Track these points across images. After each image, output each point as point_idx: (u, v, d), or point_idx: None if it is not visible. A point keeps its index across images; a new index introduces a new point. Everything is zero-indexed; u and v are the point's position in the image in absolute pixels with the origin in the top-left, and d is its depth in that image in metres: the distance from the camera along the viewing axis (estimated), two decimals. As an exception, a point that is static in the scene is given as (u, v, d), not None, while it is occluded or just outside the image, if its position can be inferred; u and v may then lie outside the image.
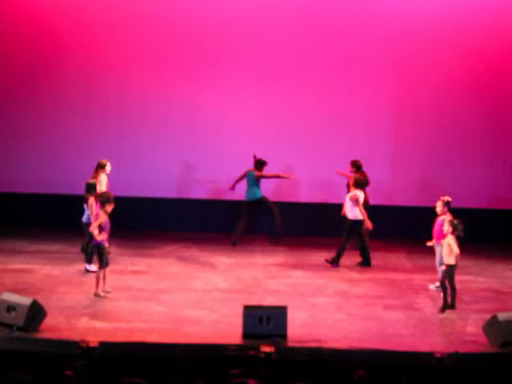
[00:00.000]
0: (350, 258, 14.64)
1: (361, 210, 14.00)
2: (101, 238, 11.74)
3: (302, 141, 16.75)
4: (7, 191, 16.81)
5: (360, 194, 14.09)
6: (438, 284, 12.33)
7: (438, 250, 12.33)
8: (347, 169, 14.88)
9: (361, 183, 14.24)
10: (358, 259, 14.48)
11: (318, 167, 16.69)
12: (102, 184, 13.53)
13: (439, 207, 12.47)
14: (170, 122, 16.82)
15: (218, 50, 16.70)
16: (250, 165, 15.55)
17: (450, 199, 12.49)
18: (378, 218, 14.53)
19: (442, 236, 11.84)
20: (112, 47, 16.74)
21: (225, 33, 16.67)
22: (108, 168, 13.77)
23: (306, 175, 16.67)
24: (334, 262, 14.16)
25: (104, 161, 13.77)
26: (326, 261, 14.22)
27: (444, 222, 11.91)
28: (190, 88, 16.66)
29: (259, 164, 15.44)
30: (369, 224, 14.03)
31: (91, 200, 12.80)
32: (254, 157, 15.46)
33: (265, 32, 16.68)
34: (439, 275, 12.22)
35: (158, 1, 16.76)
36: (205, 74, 16.71)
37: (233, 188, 15.62)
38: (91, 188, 13.05)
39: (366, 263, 14.33)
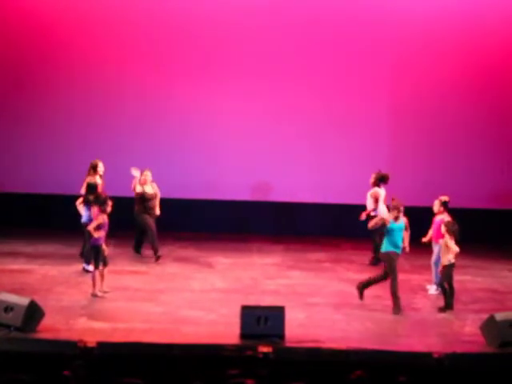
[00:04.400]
0: (347, 258, 14.64)
1: (380, 208, 13.96)
2: (97, 234, 11.75)
3: (300, 141, 16.74)
4: (4, 191, 16.79)
5: (381, 192, 14.10)
6: (435, 287, 12.32)
7: (435, 249, 12.33)
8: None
9: (384, 179, 14.21)
10: (355, 259, 14.48)
11: (317, 167, 16.69)
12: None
13: (436, 206, 12.48)
14: (165, 121, 16.81)
15: (217, 49, 16.71)
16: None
17: (447, 199, 12.47)
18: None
19: (440, 235, 11.84)
20: (108, 47, 16.74)
21: (224, 33, 16.68)
22: (100, 168, 13.76)
23: (304, 175, 16.66)
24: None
25: (96, 161, 13.76)
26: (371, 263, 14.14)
27: (441, 221, 11.93)
28: (189, 88, 16.66)
29: None
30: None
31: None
32: None
33: (264, 33, 16.70)
34: (432, 274, 12.26)
35: (156, 0, 16.77)
36: (204, 74, 16.73)
37: None
38: (93, 188, 12.99)
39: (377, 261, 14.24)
